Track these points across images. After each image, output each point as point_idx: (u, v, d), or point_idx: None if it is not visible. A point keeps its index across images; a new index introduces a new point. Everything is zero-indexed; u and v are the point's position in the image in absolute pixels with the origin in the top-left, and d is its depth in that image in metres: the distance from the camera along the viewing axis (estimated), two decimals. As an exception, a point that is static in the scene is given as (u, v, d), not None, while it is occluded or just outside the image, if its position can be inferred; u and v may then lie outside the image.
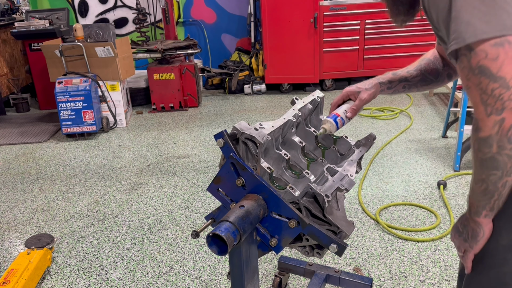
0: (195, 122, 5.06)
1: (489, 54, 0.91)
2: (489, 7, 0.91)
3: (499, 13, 0.91)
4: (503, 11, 0.91)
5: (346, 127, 4.50)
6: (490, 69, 0.91)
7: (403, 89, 1.48)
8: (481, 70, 0.92)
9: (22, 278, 2.16)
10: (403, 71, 1.46)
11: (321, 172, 1.41)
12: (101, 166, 3.90)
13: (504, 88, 0.90)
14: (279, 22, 5.62)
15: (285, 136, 1.52)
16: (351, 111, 1.44)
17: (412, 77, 1.45)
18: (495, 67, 0.91)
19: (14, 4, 6.91)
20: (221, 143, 1.29)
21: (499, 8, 0.91)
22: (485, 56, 0.91)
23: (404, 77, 1.46)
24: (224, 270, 2.39)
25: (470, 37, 0.92)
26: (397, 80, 1.46)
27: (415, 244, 2.53)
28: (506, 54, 0.90)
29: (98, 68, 4.76)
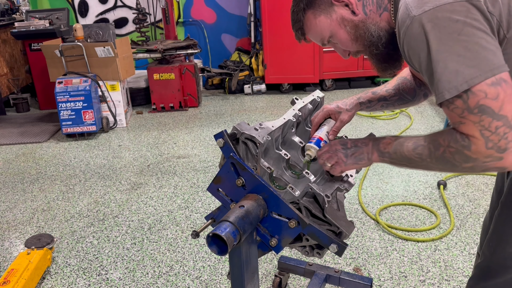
0: (195, 122, 5.06)
1: (488, 93, 0.92)
2: (473, 52, 0.92)
3: (484, 54, 0.92)
4: (488, 52, 0.92)
5: (346, 127, 4.49)
6: (492, 108, 0.92)
7: (381, 108, 1.50)
8: (482, 109, 0.93)
9: (22, 278, 2.16)
10: (382, 90, 1.48)
11: (321, 172, 1.41)
12: (101, 166, 3.90)
13: (508, 128, 0.92)
14: (279, 22, 5.62)
15: (285, 136, 1.52)
16: (332, 133, 1.44)
17: (390, 97, 1.47)
18: (497, 106, 0.92)
19: (14, 4, 6.91)
20: (221, 143, 1.29)
21: (483, 50, 0.92)
22: (485, 95, 0.92)
23: (383, 97, 1.47)
24: (224, 270, 2.39)
25: (462, 85, 0.93)
26: (376, 99, 1.48)
27: (415, 244, 2.53)
28: (505, 92, 0.92)
29: (98, 68, 4.76)
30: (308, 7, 1.18)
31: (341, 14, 1.15)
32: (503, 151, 0.94)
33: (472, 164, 0.98)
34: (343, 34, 1.17)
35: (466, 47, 0.93)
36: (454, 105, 0.97)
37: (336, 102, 1.48)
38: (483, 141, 0.94)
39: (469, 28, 0.92)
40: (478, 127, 0.94)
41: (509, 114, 0.92)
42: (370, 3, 1.14)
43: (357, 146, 1.23)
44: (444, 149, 1.02)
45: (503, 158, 0.94)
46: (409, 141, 1.11)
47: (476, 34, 0.93)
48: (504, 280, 1.30)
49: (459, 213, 2.82)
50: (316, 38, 1.24)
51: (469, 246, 2.49)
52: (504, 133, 0.92)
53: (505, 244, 1.28)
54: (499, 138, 0.93)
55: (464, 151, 0.98)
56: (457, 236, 2.58)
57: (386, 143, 1.16)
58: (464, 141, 0.98)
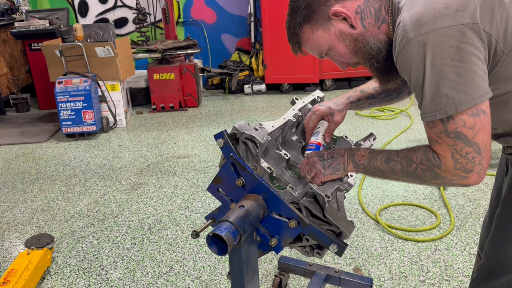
0: (195, 122, 5.06)
1: (467, 123, 1.00)
2: (465, 78, 0.97)
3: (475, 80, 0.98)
4: (478, 78, 0.98)
5: (347, 127, 4.50)
6: (467, 136, 1.01)
7: (368, 106, 1.54)
8: (458, 135, 1.01)
9: (22, 278, 2.16)
10: (369, 88, 1.50)
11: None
12: (101, 166, 3.90)
13: (477, 153, 1.01)
14: (279, 22, 5.61)
15: (285, 136, 1.52)
16: (328, 136, 1.47)
17: (377, 94, 1.49)
18: (471, 134, 1.00)
19: (14, 4, 6.91)
20: (221, 143, 1.29)
21: (474, 76, 0.97)
22: (463, 124, 1.00)
23: (371, 95, 1.50)
24: (224, 270, 2.39)
25: (451, 110, 0.99)
26: (364, 97, 1.50)
27: (415, 244, 2.53)
28: (481, 123, 1.00)
29: (98, 68, 4.76)
30: (305, 21, 1.17)
31: (340, 28, 1.15)
32: (468, 172, 1.03)
33: (440, 180, 1.08)
34: (342, 47, 1.17)
35: (458, 73, 0.97)
36: (434, 125, 1.04)
37: (326, 102, 1.49)
38: (453, 162, 1.03)
39: (462, 53, 0.96)
40: (451, 149, 1.02)
41: (480, 141, 1.01)
42: (368, 16, 1.14)
43: (334, 158, 1.27)
44: (416, 165, 1.09)
45: (468, 177, 1.04)
46: (383, 155, 1.17)
47: (469, 59, 0.96)
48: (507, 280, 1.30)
49: (459, 213, 2.82)
50: (313, 51, 1.24)
51: (469, 246, 2.49)
52: (472, 157, 1.02)
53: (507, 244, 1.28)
54: (467, 161, 1.02)
55: (435, 169, 1.06)
56: (457, 236, 2.58)
57: (361, 155, 1.22)
58: (436, 161, 1.06)
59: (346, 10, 1.12)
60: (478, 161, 1.02)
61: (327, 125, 1.46)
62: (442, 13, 0.97)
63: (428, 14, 0.98)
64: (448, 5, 0.97)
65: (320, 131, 1.45)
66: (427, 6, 0.99)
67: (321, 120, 1.48)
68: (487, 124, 1.01)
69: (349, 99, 1.49)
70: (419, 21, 0.98)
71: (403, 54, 1.02)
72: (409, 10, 1.02)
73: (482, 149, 1.01)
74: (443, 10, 0.97)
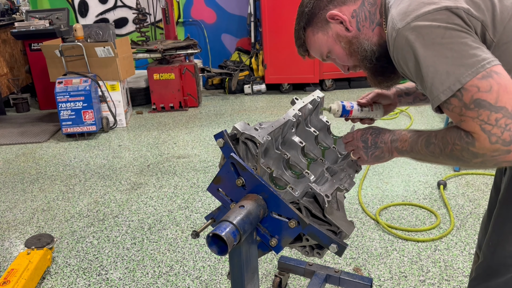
0: (195, 122, 5.06)
1: (481, 87, 0.92)
2: (460, 51, 0.94)
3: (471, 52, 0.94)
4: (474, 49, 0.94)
5: (347, 127, 4.50)
6: (488, 101, 0.92)
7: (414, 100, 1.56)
8: (478, 103, 0.93)
9: (22, 278, 2.16)
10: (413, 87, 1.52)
11: (321, 172, 1.41)
12: (101, 166, 3.90)
13: (509, 119, 0.91)
14: (279, 22, 5.62)
15: (285, 136, 1.52)
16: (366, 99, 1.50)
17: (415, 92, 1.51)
18: (492, 98, 0.92)
19: (14, 4, 6.91)
20: (221, 143, 1.29)
21: (469, 48, 0.94)
22: (478, 90, 0.93)
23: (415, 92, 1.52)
24: (224, 270, 2.39)
25: (455, 84, 0.94)
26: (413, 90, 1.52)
27: (415, 244, 2.53)
28: (498, 84, 0.92)
29: (98, 68, 4.76)
30: (307, 25, 1.26)
31: (336, 31, 1.21)
32: (509, 144, 0.92)
33: (481, 159, 0.98)
34: (339, 49, 1.23)
35: (452, 49, 0.95)
36: (452, 105, 0.98)
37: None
38: (485, 136, 0.94)
39: (451, 31, 0.96)
40: (478, 122, 0.94)
41: (507, 104, 0.92)
42: (363, 19, 1.18)
43: (377, 146, 1.26)
44: (452, 147, 1.03)
45: (510, 149, 0.92)
46: (422, 139, 1.12)
47: (460, 35, 0.96)
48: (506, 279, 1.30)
49: (459, 213, 2.82)
50: (316, 54, 1.31)
51: (469, 246, 2.49)
52: (506, 124, 0.92)
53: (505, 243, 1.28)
54: (502, 130, 0.92)
55: (470, 148, 0.98)
56: (457, 236, 2.58)
57: (403, 140, 1.18)
58: (468, 138, 0.98)
59: (341, 14, 1.18)
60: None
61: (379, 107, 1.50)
62: (426, 2, 0.99)
63: (413, 5, 1.01)
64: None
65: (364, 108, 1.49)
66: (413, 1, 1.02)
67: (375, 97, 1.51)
68: (508, 84, 0.92)
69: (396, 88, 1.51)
70: (405, 12, 1.01)
71: (396, 46, 1.04)
72: (397, 6, 1.06)
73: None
74: (427, 1, 1.00)
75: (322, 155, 1.58)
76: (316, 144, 1.59)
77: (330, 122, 1.64)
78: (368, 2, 1.19)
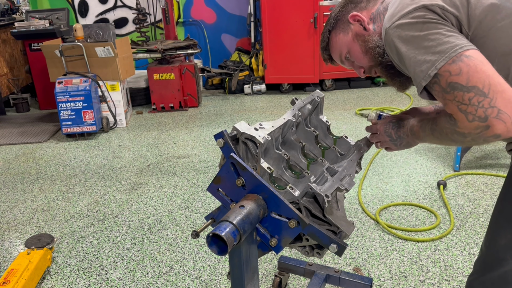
0: (195, 122, 5.07)
1: (452, 71, 1.01)
2: (436, 40, 1.04)
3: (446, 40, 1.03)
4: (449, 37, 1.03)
5: (347, 127, 4.50)
6: (459, 83, 1.01)
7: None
8: (452, 86, 1.02)
9: (22, 278, 2.16)
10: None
11: (321, 172, 1.41)
12: (101, 166, 3.90)
13: (481, 96, 0.98)
14: (279, 22, 5.62)
15: (285, 136, 1.52)
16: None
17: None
18: (463, 80, 1.00)
19: (14, 4, 6.91)
20: (221, 143, 1.29)
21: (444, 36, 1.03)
22: (449, 74, 1.02)
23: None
24: (224, 270, 2.39)
25: (432, 71, 1.04)
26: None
27: (415, 244, 2.53)
28: (468, 66, 1.00)
29: (98, 68, 4.76)
30: (332, 28, 1.38)
31: (355, 31, 1.31)
32: (485, 120, 0.98)
33: (469, 138, 1.05)
34: (356, 47, 1.32)
35: (429, 39, 1.04)
36: (435, 90, 1.07)
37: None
38: (463, 115, 1.02)
39: (428, 24, 1.06)
40: (455, 103, 1.03)
41: (478, 83, 0.99)
42: (378, 21, 1.28)
43: (402, 138, 1.38)
44: (445, 130, 1.12)
45: (489, 126, 0.98)
46: (428, 126, 1.22)
47: (436, 26, 1.05)
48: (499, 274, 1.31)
49: (459, 213, 2.82)
50: (336, 55, 1.41)
51: (469, 246, 2.49)
52: (478, 102, 0.98)
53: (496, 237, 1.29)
54: (476, 108, 0.99)
55: (456, 129, 1.07)
56: (457, 236, 2.59)
57: (416, 130, 1.29)
58: (452, 120, 1.08)
59: (361, 15, 1.30)
60: (487, 104, 0.97)
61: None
62: (408, 3, 1.10)
63: (399, 7, 1.12)
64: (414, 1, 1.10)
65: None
66: (399, 5, 1.13)
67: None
68: (478, 64, 0.99)
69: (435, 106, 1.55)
70: (392, 14, 1.13)
71: (386, 44, 1.16)
72: (389, 10, 1.18)
73: (486, 90, 0.97)
74: (410, 2, 1.10)
75: (322, 155, 1.58)
76: (316, 144, 1.59)
77: (330, 122, 1.64)
78: (383, 7, 1.29)
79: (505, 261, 1.30)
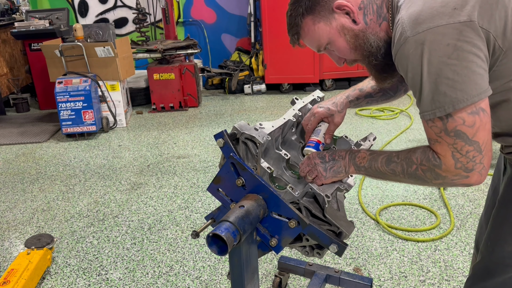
0: (195, 122, 5.06)
1: (466, 121, 0.99)
2: (462, 76, 0.97)
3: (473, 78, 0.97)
4: (476, 76, 0.97)
5: (346, 127, 4.50)
6: (467, 134, 1.00)
7: (366, 104, 1.52)
8: (457, 134, 1.00)
9: (22, 278, 2.16)
10: (367, 87, 1.49)
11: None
12: (101, 166, 3.90)
13: (478, 152, 1.01)
14: (279, 22, 5.62)
15: (285, 136, 1.52)
16: (328, 137, 1.46)
17: (375, 93, 1.48)
18: (471, 133, 1.00)
19: (14, 4, 6.91)
20: (221, 143, 1.29)
21: (472, 73, 0.97)
22: (463, 122, 0.99)
23: (369, 93, 1.49)
24: (224, 270, 2.39)
25: (449, 107, 0.99)
26: (363, 96, 1.49)
27: (415, 244, 2.53)
28: (481, 121, 0.99)
29: (98, 68, 4.76)
30: (307, 12, 1.16)
31: (342, 22, 1.14)
32: (469, 171, 1.02)
33: (441, 181, 1.07)
34: (342, 42, 1.16)
35: (455, 71, 0.96)
36: (434, 124, 1.03)
37: (325, 103, 1.48)
38: (453, 162, 1.02)
39: (459, 51, 0.95)
40: (451, 148, 1.02)
41: (480, 140, 1.00)
42: (370, 12, 1.13)
43: (335, 160, 1.27)
44: (417, 166, 1.09)
45: (469, 176, 1.03)
46: (383, 157, 1.17)
47: (466, 57, 0.96)
48: (503, 279, 1.30)
49: (459, 213, 2.82)
50: (312, 44, 1.22)
51: (469, 246, 2.49)
52: (473, 156, 1.01)
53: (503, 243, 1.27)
54: (468, 160, 1.01)
55: (435, 169, 1.06)
56: (457, 236, 2.58)
57: (362, 157, 1.22)
58: (436, 161, 1.05)
59: (350, 4, 1.11)
60: (479, 160, 1.01)
61: (327, 126, 1.46)
62: (439, 11, 0.97)
63: (425, 13, 0.98)
64: (445, 3, 0.97)
65: (321, 129, 1.45)
66: (425, 4, 0.99)
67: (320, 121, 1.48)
68: (487, 123, 1.00)
69: (348, 98, 1.48)
70: (416, 20, 0.99)
71: (401, 52, 1.02)
72: (408, 9, 1.02)
73: (482, 147, 1.00)
74: (440, 9, 0.97)
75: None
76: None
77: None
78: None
79: (510, 267, 1.29)
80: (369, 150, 1.23)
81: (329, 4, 1.13)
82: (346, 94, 1.49)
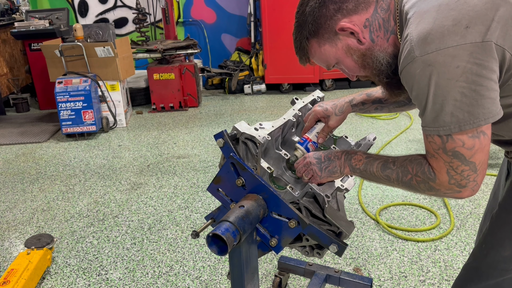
0: (195, 122, 5.06)
1: (466, 144, 0.99)
2: (470, 98, 0.95)
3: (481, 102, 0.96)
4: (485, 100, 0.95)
5: (346, 127, 4.50)
6: (464, 156, 1.01)
7: (375, 110, 1.49)
8: (455, 154, 1.01)
9: (22, 278, 2.16)
10: (377, 92, 1.45)
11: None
12: (101, 166, 3.90)
13: (473, 172, 1.02)
14: (279, 22, 5.62)
15: (285, 136, 1.52)
16: (321, 137, 1.45)
17: (385, 99, 1.43)
18: (469, 155, 1.00)
19: (14, 4, 6.91)
20: (221, 143, 1.29)
21: (480, 97, 0.95)
22: (462, 145, 1.00)
23: (378, 99, 1.45)
24: (224, 270, 2.39)
25: (455, 128, 0.98)
26: (370, 101, 1.46)
27: (415, 244, 2.53)
28: (480, 144, 0.99)
29: (98, 68, 4.76)
30: (311, 36, 1.15)
31: (347, 43, 1.12)
32: (462, 187, 1.04)
33: (434, 192, 1.09)
34: (350, 62, 1.15)
35: (463, 93, 0.94)
36: (433, 140, 1.03)
37: (327, 103, 1.47)
38: (447, 178, 1.04)
39: (468, 74, 0.92)
40: (447, 166, 1.03)
41: (477, 161, 1.01)
42: (377, 29, 1.10)
43: (331, 160, 1.27)
44: (412, 177, 1.10)
45: (461, 191, 1.05)
46: (379, 162, 1.17)
47: (476, 81, 0.93)
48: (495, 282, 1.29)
49: (459, 213, 2.82)
50: (321, 63, 1.22)
51: (469, 246, 2.49)
52: (467, 175, 1.03)
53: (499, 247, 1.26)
54: (462, 178, 1.03)
55: (429, 182, 1.07)
56: (457, 236, 2.58)
57: (358, 159, 1.22)
58: (431, 175, 1.06)
59: (353, 25, 1.08)
60: (473, 178, 1.03)
61: (323, 125, 1.46)
62: (450, 31, 0.93)
63: (435, 32, 0.94)
64: (457, 21, 0.93)
65: (315, 128, 1.45)
66: (436, 22, 0.95)
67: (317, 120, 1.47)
68: (486, 145, 1.00)
69: (352, 102, 1.46)
70: (425, 39, 0.95)
71: (407, 70, 0.99)
72: (417, 25, 0.98)
73: (478, 167, 1.01)
74: (452, 28, 0.93)
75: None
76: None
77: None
78: (381, 8, 1.09)
79: (505, 271, 1.28)
80: (366, 153, 1.22)
81: (332, 27, 1.11)
82: (351, 98, 1.48)
